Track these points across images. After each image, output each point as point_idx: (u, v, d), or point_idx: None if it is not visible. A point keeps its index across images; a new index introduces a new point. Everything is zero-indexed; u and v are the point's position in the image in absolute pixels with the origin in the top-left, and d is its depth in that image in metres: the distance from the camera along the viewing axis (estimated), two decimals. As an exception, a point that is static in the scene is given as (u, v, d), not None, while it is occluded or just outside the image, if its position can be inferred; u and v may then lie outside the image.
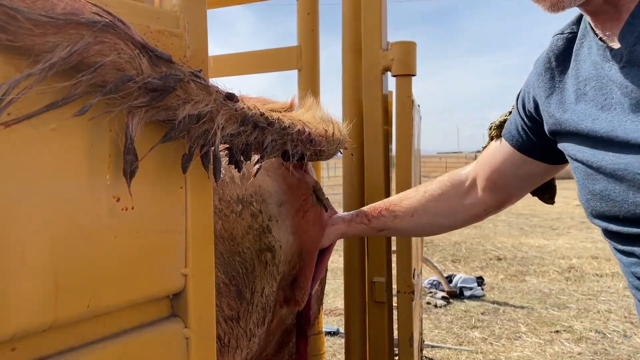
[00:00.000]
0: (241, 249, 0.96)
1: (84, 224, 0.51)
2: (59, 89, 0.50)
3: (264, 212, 1.05)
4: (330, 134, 1.11)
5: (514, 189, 1.13)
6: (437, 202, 1.20)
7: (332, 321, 4.70)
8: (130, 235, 0.56)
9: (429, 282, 5.78)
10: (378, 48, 1.57)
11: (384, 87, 1.62)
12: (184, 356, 0.63)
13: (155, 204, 0.59)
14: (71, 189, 0.50)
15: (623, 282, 5.84)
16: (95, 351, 0.54)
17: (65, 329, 0.51)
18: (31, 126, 0.48)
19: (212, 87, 0.67)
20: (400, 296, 1.63)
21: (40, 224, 0.48)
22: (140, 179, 0.58)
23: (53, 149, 0.49)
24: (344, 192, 1.71)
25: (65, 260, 0.49)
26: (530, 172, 1.07)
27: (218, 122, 0.69)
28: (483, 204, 1.17)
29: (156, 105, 0.60)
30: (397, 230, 1.28)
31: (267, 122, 0.83)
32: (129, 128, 0.56)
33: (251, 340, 1.05)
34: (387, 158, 1.68)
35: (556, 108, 0.90)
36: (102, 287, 0.53)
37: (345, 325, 1.71)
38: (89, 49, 0.52)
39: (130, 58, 0.57)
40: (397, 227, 1.23)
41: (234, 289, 0.94)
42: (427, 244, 8.21)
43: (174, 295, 0.63)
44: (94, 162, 0.53)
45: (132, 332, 0.58)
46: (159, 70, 0.60)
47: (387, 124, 1.68)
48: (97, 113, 0.53)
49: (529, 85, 1.00)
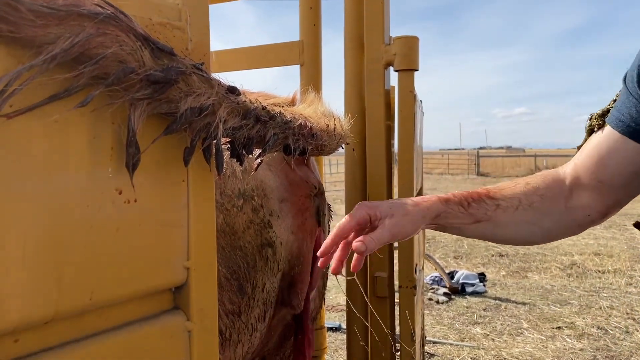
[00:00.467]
0: (242, 243, 0.96)
1: (86, 216, 0.51)
2: (61, 80, 0.50)
3: (265, 206, 1.05)
4: (332, 128, 1.11)
5: (622, 190, 0.92)
6: (542, 197, 0.97)
7: (334, 317, 4.71)
8: (132, 227, 0.56)
9: (431, 278, 5.79)
10: (380, 43, 1.57)
11: (386, 82, 1.61)
12: (186, 349, 0.63)
13: (158, 196, 0.59)
14: (73, 180, 0.50)
15: (625, 279, 5.83)
16: (98, 343, 0.54)
17: (67, 321, 0.51)
18: (34, 118, 0.48)
19: (214, 80, 0.67)
20: (402, 291, 1.63)
21: (42, 215, 0.48)
22: (143, 171, 0.58)
23: (55, 141, 0.49)
24: (345, 187, 1.71)
25: (67, 252, 0.50)
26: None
27: (220, 115, 0.69)
28: (587, 209, 0.95)
29: (158, 97, 0.60)
30: (493, 225, 0.98)
31: (269, 116, 0.83)
32: (130, 120, 0.56)
33: (252, 334, 1.05)
34: (389, 153, 1.68)
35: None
36: (104, 279, 0.53)
37: (347, 320, 1.71)
38: (90, 41, 0.52)
39: (132, 50, 0.57)
40: (497, 219, 0.97)
41: (235, 283, 0.94)
42: (429, 240, 8.21)
43: (176, 288, 0.63)
44: (96, 155, 0.53)
45: (134, 324, 0.58)
46: (160, 62, 0.60)
47: (390, 119, 1.68)
48: (99, 105, 0.53)
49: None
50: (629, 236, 8.48)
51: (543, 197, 0.97)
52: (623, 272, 6.09)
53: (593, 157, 0.93)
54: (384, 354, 1.66)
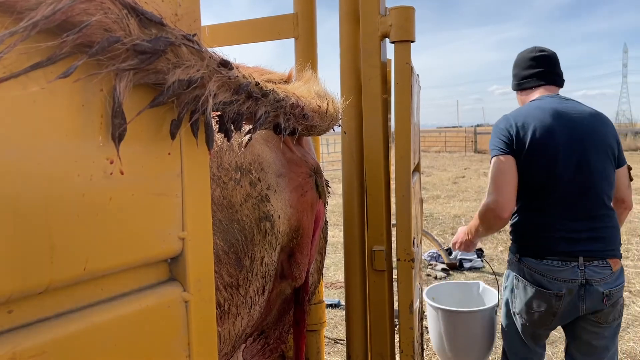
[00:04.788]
0: (240, 216, 0.96)
1: (76, 185, 0.50)
2: (44, 48, 0.48)
3: (262, 180, 1.05)
4: (324, 110, 1.09)
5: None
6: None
7: (333, 294, 4.76)
8: (125, 197, 0.55)
9: (429, 254, 5.84)
10: (376, 14, 1.54)
11: (383, 55, 1.59)
12: (183, 319, 0.63)
13: (150, 166, 0.58)
14: (62, 149, 0.49)
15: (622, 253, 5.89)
16: (94, 314, 0.54)
17: (62, 291, 0.51)
18: (19, 85, 0.47)
19: (205, 52, 0.65)
20: (401, 264, 1.64)
21: (31, 184, 0.47)
22: (135, 140, 0.57)
23: (42, 109, 0.48)
24: (343, 162, 1.70)
25: (60, 221, 0.49)
26: None
27: (210, 88, 0.67)
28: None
29: (145, 68, 0.58)
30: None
31: (261, 93, 0.81)
32: (116, 91, 0.54)
33: (252, 308, 1.06)
34: (386, 128, 1.66)
35: None
36: (98, 249, 0.53)
37: (346, 294, 1.72)
38: (73, 8, 0.51)
39: (117, 18, 0.55)
40: None
41: (233, 256, 0.94)
42: (427, 217, 8.25)
43: (172, 259, 0.63)
44: (85, 123, 0.52)
45: (130, 295, 0.58)
46: (148, 32, 0.59)
47: (386, 92, 1.66)
48: (84, 75, 0.51)
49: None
50: (626, 210, 8.52)
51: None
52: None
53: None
54: (382, 327, 1.68)
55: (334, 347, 3.66)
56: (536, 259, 1.95)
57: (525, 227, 2.02)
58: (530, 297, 1.97)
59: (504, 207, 1.90)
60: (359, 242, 1.67)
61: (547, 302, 1.95)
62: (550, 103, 2.04)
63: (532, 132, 1.94)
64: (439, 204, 9.86)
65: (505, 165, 1.93)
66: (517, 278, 2.02)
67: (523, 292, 2.00)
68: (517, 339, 2.14)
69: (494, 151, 2.01)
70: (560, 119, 1.99)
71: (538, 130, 1.95)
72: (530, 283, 1.97)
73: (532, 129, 1.95)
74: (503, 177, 1.93)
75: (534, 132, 1.94)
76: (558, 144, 1.94)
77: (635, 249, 6.07)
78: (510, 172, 1.93)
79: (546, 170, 1.94)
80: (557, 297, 1.93)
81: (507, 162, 1.94)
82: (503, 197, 1.90)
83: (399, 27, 1.52)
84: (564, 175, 1.94)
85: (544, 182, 1.95)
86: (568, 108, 2.04)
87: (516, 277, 2.03)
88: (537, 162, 1.95)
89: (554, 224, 1.96)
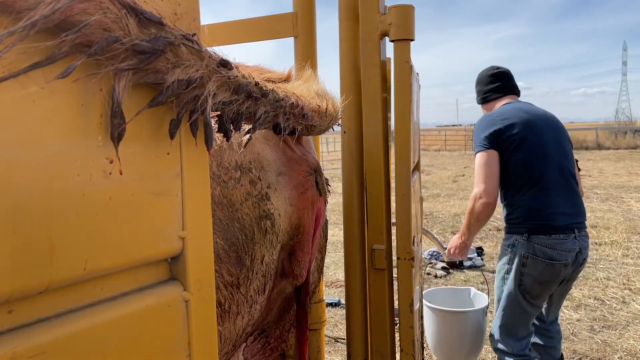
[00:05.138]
0: (240, 215, 0.96)
1: (76, 185, 0.50)
2: (43, 48, 0.48)
3: (262, 179, 1.05)
4: (324, 109, 1.09)
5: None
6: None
7: (334, 293, 4.76)
8: (125, 197, 0.55)
9: (429, 253, 5.84)
10: (376, 12, 1.53)
11: (382, 53, 1.59)
12: (184, 319, 0.63)
13: (150, 165, 0.58)
14: (62, 149, 0.49)
15: (622, 250, 5.89)
16: (94, 314, 0.54)
17: (62, 291, 0.51)
18: (19, 85, 0.47)
19: (204, 52, 0.65)
20: (401, 263, 1.64)
21: (31, 184, 0.47)
22: (135, 140, 0.57)
23: (42, 109, 0.48)
24: (342, 161, 1.70)
25: (60, 221, 0.49)
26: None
27: (209, 88, 0.67)
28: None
29: (144, 68, 0.58)
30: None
31: (261, 93, 0.81)
32: (115, 91, 0.54)
33: (252, 307, 1.06)
34: (386, 126, 1.66)
35: None
36: (98, 249, 0.53)
37: (346, 293, 1.73)
38: (72, 7, 0.50)
39: (117, 18, 0.55)
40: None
41: (234, 255, 0.94)
42: (426, 216, 8.25)
43: (172, 259, 0.63)
44: (84, 123, 0.51)
45: (130, 295, 0.58)
46: (148, 32, 0.59)
47: (386, 91, 1.66)
48: (83, 74, 0.51)
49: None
50: (625, 208, 8.53)
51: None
52: (619, 244, 6.15)
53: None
54: (383, 326, 1.68)
55: (334, 346, 3.67)
56: (546, 235, 2.23)
57: (528, 210, 2.28)
58: (541, 270, 2.23)
59: (490, 194, 2.24)
60: (359, 241, 1.67)
61: (557, 271, 2.24)
62: (520, 105, 2.45)
63: (518, 127, 2.28)
64: (439, 203, 9.86)
65: (490, 159, 2.25)
66: (527, 256, 2.25)
67: (534, 268, 2.24)
68: (517, 316, 2.34)
69: (478, 147, 2.32)
70: (534, 115, 2.36)
71: (522, 125, 2.28)
72: (542, 258, 2.22)
73: (517, 125, 2.28)
74: (489, 170, 2.24)
75: (520, 127, 2.28)
76: (542, 135, 2.31)
77: (636, 246, 6.07)
78: (495, 165, 2.26)
79: (539, 158, 2.28)
80: (564, 266, 2.24)
81: (490, 156, 2.26)
82: (489, 185, 2.23)
83: (398, 25, 1.51)
84: (552, 161, 2.30)
85: (539, 169, 2.28)
86: (534, 108, 2.44)
87: (525, 256, 2.25)
88: (530, 152, 2.27)
89: (551, 204, 2.26)
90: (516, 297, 2.30)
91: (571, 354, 3.51)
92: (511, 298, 2.32)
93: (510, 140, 2.26)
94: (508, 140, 2.26)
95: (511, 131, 2.27)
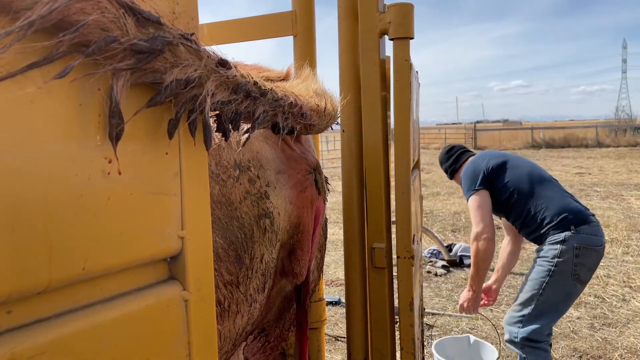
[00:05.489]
0: (239, 214, 0.96)
1: (74, 185, 0.50)
2: (41, 48, 0.48)
3: (261, 177, 1.05)
4: (322, 108, 1.09)
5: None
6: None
7: (334, 291, 4.77)
8: (123, 196, 0.55)
9: (429, 251, 5.84)
10: (375, 10, 1.53)
11: (382, 52, 1.59)
12: (183, 318, 0.63)
13: (149, 165, 0.58)
14: (60, 149, 0.49)
15: (622, 248, 5.89)
16: (93, 314, 0.54)
17: (61, 291, 0.51)
18: (16, 85, 0.47)
19: (203, 51, 0.65)
20: (401, 261, 1.64)
21: (29, 184, 0.47)
22: (133, 139, 0.57)
23: (40, 109, 0.48)
24: (342, 159, 1.70)
25: (58, 221, 0.49)
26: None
27: (208, 88, 0.67)
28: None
29: (142, 67, 0.58)
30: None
31: (259, 92, 0.81)
32: (113, 90, 0.54)
33: (252, 305, 1.06)
34: (386, 125, 1.66)
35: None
36: (97, 249, 0.53)
37: (346, 291, 1.73)
38: (70, 7, 0.50)
39: (114, 17, 0.55)
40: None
41: (233, 254, 0.94)
42: (427, 214, 8.25)
43: (171, 258, 0.63)
44: (83, 122, 0.51)
45: (129, 295, 0.58)
46: (146, 31, 0.58)
47: (385, 90, 1.65)
48: (81, 74, 0.51)
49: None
50: (625, 206, 8.53)
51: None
52: (620, 242, 6.15)
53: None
54: (383, 325, 1.68)
55: (334, 345, 3.67)
56: (587, 225, 2.52)
57: (557, 207, 2.57)
58: (592, 257, 2.50)
59: (489, 229, 2.58)
60: (359, 239, 1.67)
61: (600, 256, 2.55)
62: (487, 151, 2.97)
63: (497, 159, 2.72)
64: (439, 201, 9.86)
65: (482, 199, 2.61)
66: (579, 247, 2.47)
67: (586, 257, 2.48)
68: (562, 298, 2.54)
69: (468, 193, 2.66)
70: (502, 152, 2.87)
71: (499, 156, 2.75)
72: (591, 246, 2.49)
73: (495, 158, 2.73)
74: (483, 210, 2.60)
75: (498, 158, 2.72)
76: (517, 157, 2.82)
77: (636, 244, 6.08)
78: (487, 203, 2.62)
79: (525, 165, 2.75)
80: (603, 249, 2.56)
81: (482, 196, 2.62)
82: (486, 222, 2.58)
83: (397, 24, 1.51)
84: (535, 167, 2.77)
85: (531, 173, 2.68)
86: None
87: (577, 247, 2.47)
88: (517, 166, 2.70)
89: (564, 203, 2.58)
90: (568, 285, 2.50)
91: (571, 351, 3.51)
92: (559, 287, 2.50)
93: (495, 170, 2.66)
94: (493, 172, 2.66)
95: (493, 164, 2.68)
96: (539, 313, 2.52)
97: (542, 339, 2.52)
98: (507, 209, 2.67)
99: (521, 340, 2.54)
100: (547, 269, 2.52)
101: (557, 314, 2.57)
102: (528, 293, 2.57)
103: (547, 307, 2.52)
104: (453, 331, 3.88)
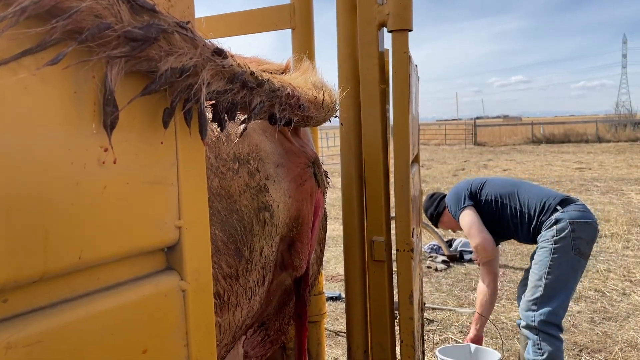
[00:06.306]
0: (239, 207, 0.95)
1: (70, 173, 0.50)
2: (34, 34, 0.47)
3: (261, 170, 1.04)
4: (320, 101, 1.09)
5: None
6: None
7: (334, 287, 4.77)
8: (119, 186, 0.54)
9: (430, 246, 5.84)
10: (373, 2, 1.52)
11: (380, 44, 1.58)
12: (180, 308, 0.63)
13: (145, 154, 0.58)
14: (55, 137, 0.49)
15: (622, 242, 5.89)
16: (89, 304, 0.53)
17: (57, 280, 0.51)
18: (9, 72, 0.46)
19: (199, 40, 0.64)
20: (400, 254, 1.64)
21: (24, 172, 0.46)
22: (129, 128, 0.56)
23: (34, 96, 0.47)
24: (341, 153, 1.69)
25: (54, 210, 0.48)
26: None
27: (203, 77, 0.66)
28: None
29: (137, 55, 0.57)
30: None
31: (256, 82, 0.80)
32: (107, 78, 0.53)
33: (252, 298, 1.05)
34: (385, 118, 1.65)
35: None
36: (93, 238, 0.52)
37: (346, 285, 1.72)
38: (63, -7, 0.50)
39: (108, 4, 0.54)
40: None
41: (233, 247, 0.93)
42: (427, 210, 8.25)
43: (168, 248, 0.63)
44: (77, 110, 0.51)
45: (126, 285, 0.57)
46: (140, 19, 0.58)
47: (384, 83, 1.65)
48: (74, 62, 0.51)
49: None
50: (625, 201, 8.53)
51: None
52: (620, 236, 6.15)
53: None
54: (383, 318, 1.68)
55: (335, 340, 3.67)
56: (572, 203, 2.72)
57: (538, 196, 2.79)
58: (588, 230, 2.65)
59: (485, 235, 2.81)
60: (359, 232, 1.67)
61: (596, 230, 2.72)
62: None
63: (481, 181, 3.02)
64: (439, 197, 9.85)
65: (470, 214, 2.86)
66: (572, 222, 2.61)
67: (582, 231, 2.62)
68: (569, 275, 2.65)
69: (458, 212, 2.90)
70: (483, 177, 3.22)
71: (482, 179, 3.04)
72: (584, 219, 2.64)
73: (480, 181, 3.02)
74: (476, 225, 2.84)
75: (483, 181, 3.01)
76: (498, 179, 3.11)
77: (636, 238, 6.08)
78: (476, 216, 2.85)
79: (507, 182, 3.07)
80: (596, 223, 2.73)
81: (470, 211, 2.87)
82: (484, 233, 2.82)
83: (396, 15, 1.50)
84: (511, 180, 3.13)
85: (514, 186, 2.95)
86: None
87: (571, 222, 2.61)
88: (495, 179, 3.05)
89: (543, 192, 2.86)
90: (571, 259, 2.61)
91: (572, 345, 3.51)
92: (563, 263, 2.61)
93: (476, 186, 2.95)
94: (474, 188, 2.94)
95: (473, 182, 3.01)
96: (550, 293, 2.61)
97: (558, 321, 2.61)
98: (497, 217, 2.85)
99: (539, 323, 2.60)
100: (549, 249, 2.63)
101: (568, 292, 2.65)
102: (536, 275, 2.67)
103: (556, 285, 2.61)
104: (453, 325, 3.88)
